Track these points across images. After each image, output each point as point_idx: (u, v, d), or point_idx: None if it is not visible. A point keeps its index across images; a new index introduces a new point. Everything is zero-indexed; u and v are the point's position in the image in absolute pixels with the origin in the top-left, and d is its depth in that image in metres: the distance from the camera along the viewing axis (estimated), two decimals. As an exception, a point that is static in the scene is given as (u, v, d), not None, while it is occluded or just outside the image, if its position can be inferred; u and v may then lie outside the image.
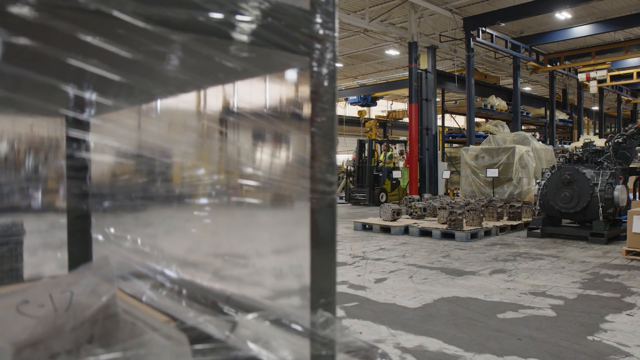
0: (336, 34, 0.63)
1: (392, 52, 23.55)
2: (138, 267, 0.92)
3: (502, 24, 16.23)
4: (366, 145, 16.72)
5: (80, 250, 1.10)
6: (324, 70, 0.61)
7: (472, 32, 15.78)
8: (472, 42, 15.87)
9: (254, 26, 0.58)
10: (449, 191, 17.60)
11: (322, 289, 0.61)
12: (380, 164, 16.92)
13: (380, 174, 16.48)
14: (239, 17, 0.55)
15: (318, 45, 0.61)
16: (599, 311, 4.40)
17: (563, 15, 17.29)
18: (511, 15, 15.50)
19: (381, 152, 17.72)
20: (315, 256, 0.59)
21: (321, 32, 0.61)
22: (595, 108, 29.89)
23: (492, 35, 16.92)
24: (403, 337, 3.76)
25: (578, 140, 20.96)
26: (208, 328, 0.72)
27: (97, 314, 0.64)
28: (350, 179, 17.33)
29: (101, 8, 0.50)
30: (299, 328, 0.64)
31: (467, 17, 16.26)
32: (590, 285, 5.37)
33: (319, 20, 0.61)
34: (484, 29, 16.10)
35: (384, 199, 16.01)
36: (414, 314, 4.38)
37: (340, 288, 5.34)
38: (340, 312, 4.43)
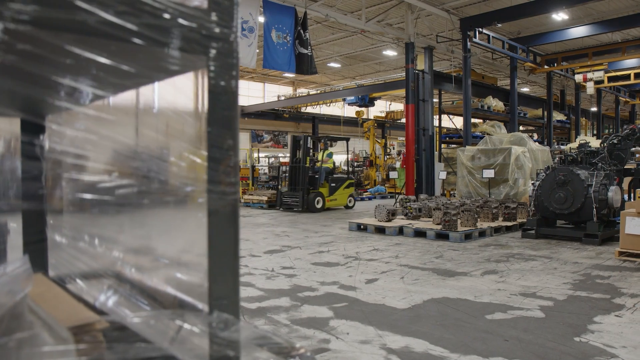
0: (236, 32, 0.63)
1: (390, 53, 23.57)
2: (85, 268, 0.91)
3: (499, 25, 16.23)
4: (301, 142, 14.35)
5: (36, 251, 1.09)
6: (222, 70, 0.60)
7: (468, 33, 15.78)
8: (468, 43, 15.86)
9: (147, 27, 0.57)
10: (445, 192, 17.60)
11: (222, 291, 0.61)
12: (318, 164, 14.80)
13: (317, 176, 14.38)
14: (128, 18, 0.55)
15: (215, 45, 0.60)
16: (588, 312, 4.40)
17: (560, 16, 17.30)
18: (508, 16, 15.49)
19: (320, 150, 15.32)
20: (214, 258, 0.58)
21: (218, 30, 0.60)
22: (594, 109, 29.90)
23: (488, 36, 16.92)
24: (390, 338, 3.76)
25: (575, 141, 20.96)
26: (135, 327, 0.72)
27: (4, 314, 0.64)
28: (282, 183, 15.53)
29: None
30: (197, 330, 0.63)
31: (464, 18, 16.25)
32: (581, 287, 5.36)
33: (215, 19, 0.60)
34: (480, 29, 16.10)
35: (320, 205, 14.10)
36: (403, 314, 4.37)
37: (330, 289, 5.34)
38: (328, 313, 4.43)
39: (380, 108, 37.11)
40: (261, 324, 4.13)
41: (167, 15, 0.57)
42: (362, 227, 10.29)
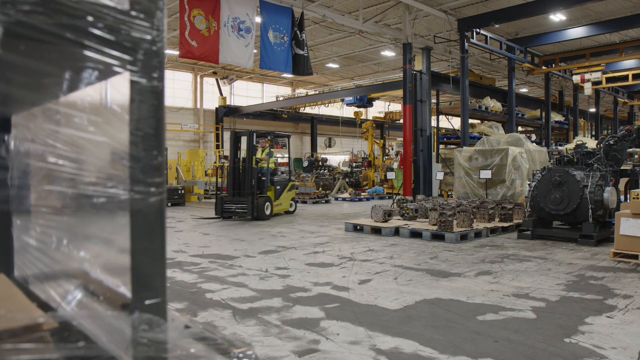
0: (162, 32, 0.62)
1: (388, 53, 23.59)
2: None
3: (496, 26, 16.25)
4: (245, 139, 12.61)
5: (1, 252, 1.09)
6: (145, 70, 0.60)
7: (466, 34, 15.79)
8: (466, 44, 15.87)
9: (66, 28, 0.56)
10: (443, 193, 17.60)
11: (147, 291, 0.60)
12: (261, 164, 12.83)
13: (264, 178, 12.56)
14: (45, 19, 0.54)
15: (138, 45, 0.60)
16: (580, 313, 4.39)
17: (558, 17, 17.32)
18: (505, 16, 15.51)
19: (260, 149, 13.52)
20: (137, 260, 0.58)
21: (140, 30, 0.60)
22: (592, 110, 29.92)
23: (486, 36, 16.94)
24: (380, 339, 3.75)
25: (572, 142, 20.96)
26: (82, 327, 0.71)
27: None
28: (221, 191, 13.12)
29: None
30: (121, 331, 0.62)
31: (461, 19, 16.26)
32: (574, 288, 5.36)
33: (137, 18, 0.60)
34: (478, 30, 16.11)
35: (269, 211, 12.47)
36: (394, 315, 4.37)
37: (323, 289, 5.33)
38: (320, 314, 4.42)
39: (379, 109, 37.15)
40: (252, 325, 4.12)
41: (87, 16, 0.57)
42: (358, 227, 10.29)
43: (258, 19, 11.76)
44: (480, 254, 7.55)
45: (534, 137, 26.16)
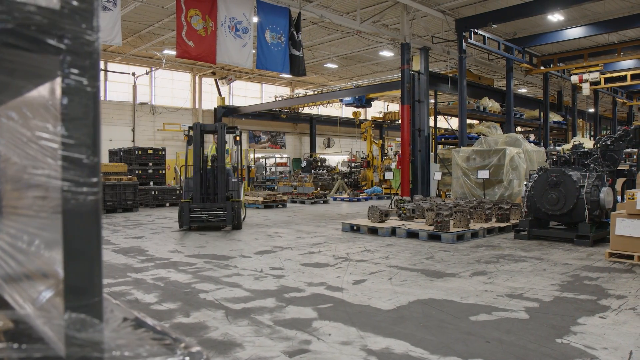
0: (97, 31, 0.61)
1: (387, 54, 23.59)
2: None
3: (494, 26, 16.26)
4: (215, 133, 11.17)
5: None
6: (78, 70, 0.59)
7: (464, 34, 15.79)
8: (464, 44, 15.87)
9: None
10: (441, 193, 17.60)
11: (80, 291, 0.59)
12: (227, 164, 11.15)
13: (234, 180, 11.02)
14: None
15: (72, 46, 0.59)
16: (573, 314, 4.39)
17: (556, 17, 17.32)
18: (503, 16, 15.51)
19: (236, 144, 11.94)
20: (70, 260, 0.57)
21: (72, 30, 0.59)
22: (592, 110, 29.92)
23: (484, 37, 16.93)
24: (371, 339, 3.74)
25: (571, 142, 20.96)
26: (37, 327, 0.71)
27: None
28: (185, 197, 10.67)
29: None
30: (50, 332, 0.62)
31: (459, 19, 16.27)
32: (569, 288, 5.35)
33: (69, 18, 0.59)
34: (476, 30, 16.11)
35: (243, 217, 11.14)
36: (387, 315, 4.36)
37: (317, 290, 5.32)
38: (313, 314, 4.42)
39: (378, 109, 37.16)
40: (244, 325, 4.12)
41: (17, 16, 0.56)
42: (355, 228, 10.29)
43: (255, 19, 11.76)
44: (476, 254, 7.54)
45: (532, 137, 26.16)
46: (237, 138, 11.33)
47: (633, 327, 4.01)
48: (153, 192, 17.35)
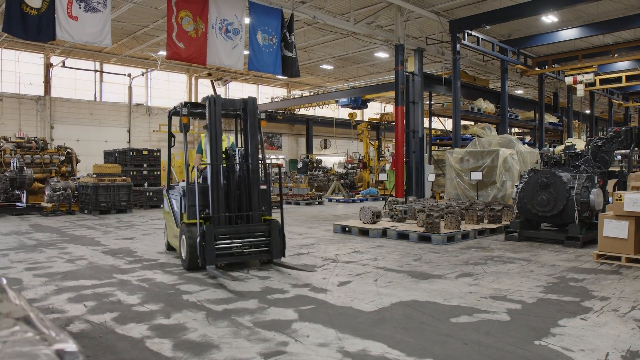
0: None
1: (382, 55, 23.59)
2: None
3: (488, 27, 16.26)
4: (217, 111, 6.85)
5: None
6: None
7: (457, 35, 15.79)
8: (458, 45, 15.87)
9: None
10: (435, 194, 17.59)
11: None
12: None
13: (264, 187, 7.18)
14: None
15: None
16: (554, 315, 4.37)
17: (549, 18, 17.33)
18: (497, 18, 15.52)
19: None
20: None
21: None
22: (588, 111, 29.93)
23: (478, 38, 16.93)
24: (349, 341, 3.73)
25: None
26: None
27: None
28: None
29: None
30: None
31: (453, 20, 16.27)
32: (553, 290, 5.34)
33: None
34: (469, 32, 16.11)
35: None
36: (367, 317, 4.35)
37: (301, 291, 5.31)
38: (293, 316, 4.40)
39: (375, 110, 37.15)
40: (223, 327, 4.10)
41: None
42: (346, 229, 10.27)
43: (247, 21, 11.74)
44: (465, 255, 7.53)
45: (528, 138, 26.17)
46: (263, 123, 7.23)
47: (613, 328, 4.00)
48: (147, 194, 17.32)
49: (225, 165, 6.73)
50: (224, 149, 6.85)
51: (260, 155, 7.16)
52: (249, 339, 3.80)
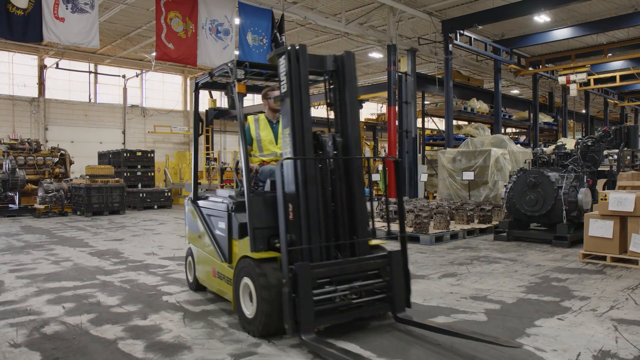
0: None
1: (376, 55, 23.57)
2: None
3: (480, 27, 16.26)
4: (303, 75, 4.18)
5: None
6: None
7: (450, 35, 15.79)
8: (450, 45, 15.87)
9: None
10: (428, 194, 17.59)
11: None
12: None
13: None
14: None
15: None
16: (532, 315, 4.36)
17: (542, 18, 17.33)
18: (489, 17, 15.52)
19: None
20: None
21: None
22: (584, 111, 29.95)
23: (470, 38, 16.94)
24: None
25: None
26: None
27: None
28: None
29: None
30: None
31: (445, 20, 16.28)
32: (534, 289, 5.33)
33: None
34: (462, 32, 16.11)
35: None
36: (344, 318, 4.32)
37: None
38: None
39: (371, 110, 37.12)
40: (198, 327, 4.08)
41: None
42: (336, 229, 10.23)
43: (237, 21, 11.73)
44: (452, 255, 7.52)
45: (522, 138, 26.17)
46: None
47: (588, 328, 3.99)
48: (141, 195, 17.31)
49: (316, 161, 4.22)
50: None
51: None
52: (222, 340, 3.78)
